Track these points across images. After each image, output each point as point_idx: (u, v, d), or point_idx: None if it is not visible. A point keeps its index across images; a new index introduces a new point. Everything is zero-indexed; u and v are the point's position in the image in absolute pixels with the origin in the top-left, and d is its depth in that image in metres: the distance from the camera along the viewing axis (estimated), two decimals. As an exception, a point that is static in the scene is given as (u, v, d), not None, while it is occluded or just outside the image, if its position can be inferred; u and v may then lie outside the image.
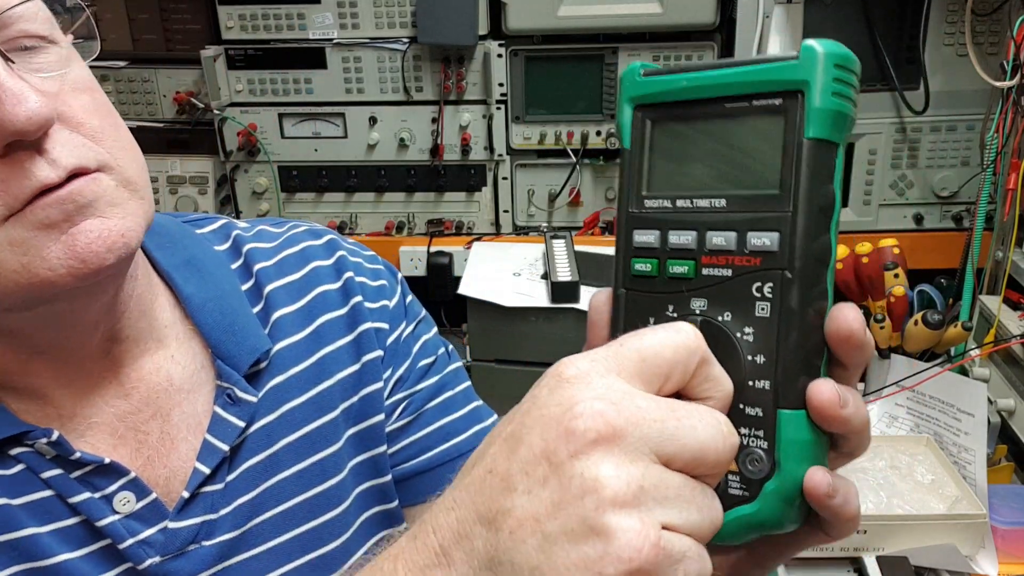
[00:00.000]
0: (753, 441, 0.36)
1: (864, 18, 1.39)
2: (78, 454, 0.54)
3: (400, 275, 0.74)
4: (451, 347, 0.75)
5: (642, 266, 0.39)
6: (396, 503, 0.69)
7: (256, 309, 0.64)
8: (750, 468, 0.36)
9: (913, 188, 1.48)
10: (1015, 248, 1.29)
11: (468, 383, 0.74)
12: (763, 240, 0.36)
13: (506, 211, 1.62)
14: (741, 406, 0.37)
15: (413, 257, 1.59)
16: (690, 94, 0.38)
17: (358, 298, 0.68)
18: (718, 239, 0.37)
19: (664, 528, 0.32)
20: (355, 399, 0.67)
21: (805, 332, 0.36)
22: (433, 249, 1.59)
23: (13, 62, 0.48)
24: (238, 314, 0.63)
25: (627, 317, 0.40)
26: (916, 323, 1.23)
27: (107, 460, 0.55)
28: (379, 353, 0.68)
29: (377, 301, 0.69)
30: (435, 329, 0.74)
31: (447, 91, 1.52)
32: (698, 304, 0.38)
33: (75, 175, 0.49)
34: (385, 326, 0.69)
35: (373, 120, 1.55)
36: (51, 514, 0.54)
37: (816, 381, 0.36)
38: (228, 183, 1.63)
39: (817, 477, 0.36)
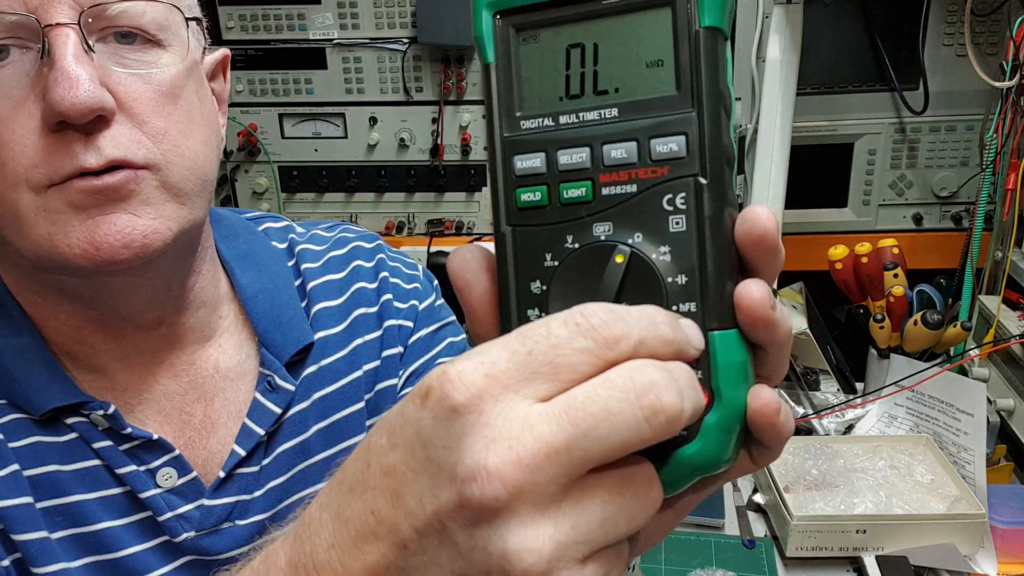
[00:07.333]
0: None
1: (863, 18, 1.39)
2: (129, 428, 0.57)
3: (436, 284, 0.77)
4: None
5: (529, 195, 0.34)
6: None
7: (302, 305, 0.67)
8: None
9: (912, 188, 1.48)
10: (1014, 248, 1.30)
11: None
12: (669, 146, 0.32)
13: (506, 211, 1.62)
14: None
15: (413, 257, 1.59)
16: None
17: (388, 296, 0.70)
18: (617, 152, 0.33)
19: (588, 557, 0.28)
20: (373, 392, 0.69)
21: (728, 242, 0.33)
22: (433, 249, 1.58)
23: (93, 51, 0.50)
24: (286, 307, 0.66)
25: (518, 258, 0.34)
26: (915, 323, 1.24)
27: (155, 436, 0.57)
28: (399, 350, 0.70)
29: (406, 301, 0.72)
30: (463, 336, 0.76)
31: (447, 91, 1.52)
32: (602, 229, 0.33)
33: (117, 166, 0.50)
34: (409, 324, 0.71)
35: (373, 120, 1.55)
36: (98, 482, 0.57)
37: (743, 282, 0.32)
38: (228, 183, 1.63)
39: (765, 395, 0.32)
